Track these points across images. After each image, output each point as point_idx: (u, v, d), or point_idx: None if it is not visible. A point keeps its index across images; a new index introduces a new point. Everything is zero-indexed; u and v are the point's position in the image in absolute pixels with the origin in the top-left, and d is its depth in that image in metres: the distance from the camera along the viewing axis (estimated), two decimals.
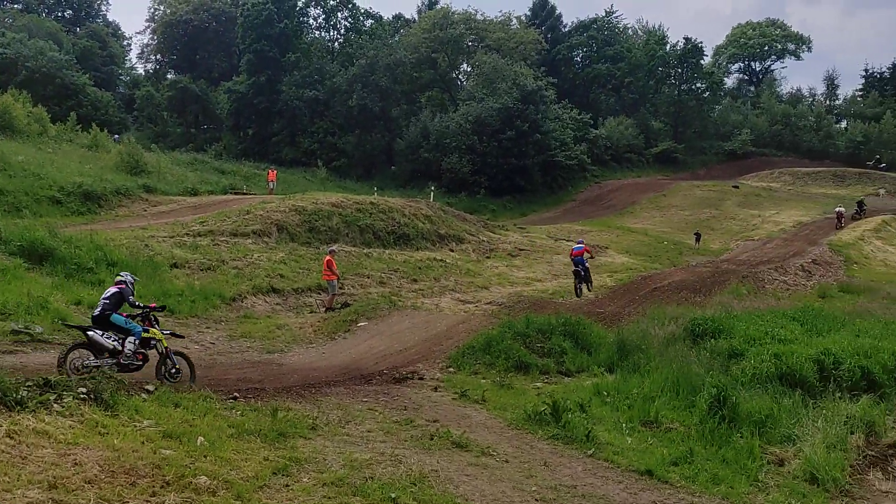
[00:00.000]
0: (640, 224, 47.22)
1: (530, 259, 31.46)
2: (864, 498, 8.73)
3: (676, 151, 70.00)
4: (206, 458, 7.24)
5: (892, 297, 25.54)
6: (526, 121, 53.54)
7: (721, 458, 9.29)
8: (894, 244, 41.89)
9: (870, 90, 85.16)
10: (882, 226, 44.85)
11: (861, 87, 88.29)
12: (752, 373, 12.22)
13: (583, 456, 9.26)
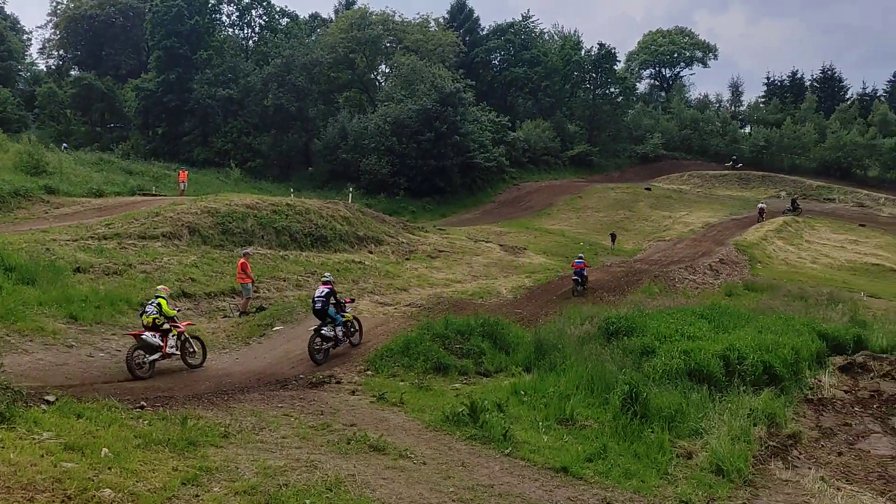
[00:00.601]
0: (557, 225, 48.09)
1: (450, 260, 31.54)
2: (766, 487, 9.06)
3: (592, 154, 71.62)
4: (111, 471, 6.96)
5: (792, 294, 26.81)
6: (445, 122, 53.72)
7: (633, 453, 9.49)
8: (794, 244, 43.99)
9: (771, 97, 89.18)
10: (783, 226, 47.03)
11: (763, 94, 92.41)
12: (663, 369, 12.56)
13: (500, 455, 9.31)
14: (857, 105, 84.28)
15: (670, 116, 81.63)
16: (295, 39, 64.19)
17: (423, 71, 57.84)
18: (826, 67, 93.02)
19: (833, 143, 71.45)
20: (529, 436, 10.14)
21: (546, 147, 68.06)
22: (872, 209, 57.89)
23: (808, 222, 50.07)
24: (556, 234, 44.31)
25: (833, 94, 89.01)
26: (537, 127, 68.63)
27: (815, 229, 48.60)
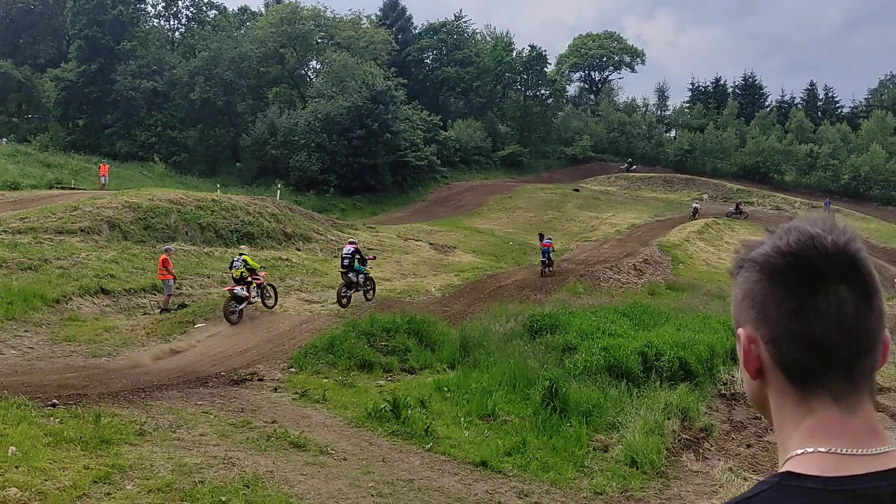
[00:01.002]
0: (487, 225, 48.49)
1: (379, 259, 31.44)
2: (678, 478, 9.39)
3: (522, 155, 72.47)
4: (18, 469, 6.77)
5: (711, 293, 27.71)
6: (376, 120, 53.54)
7: (552, 447, 9.70)
8: (715, 245, 45.47)
9: (696, 102, 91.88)
10: (705, 228, 48.54)
11: (688, 99, 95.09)
12: (584, 365, 12.86)
13: (421, 450, 9.38)
14: (775, 112, 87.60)
15: (599, 119, 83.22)
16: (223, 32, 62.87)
17: (354, 68, 57.48)
18: (747, 75, 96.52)
19: (753, 148, 74.11)
20: (451, 431, 10.24)
21: (477, 147, 68.56)
22: (788, 213, 60.23)
23: (728, 224, 51.81)
24: (486, 233, 44.69)
25: (754, 101, 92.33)
26: (469, 127, 69.06)
27: (734, 231, 50.29)
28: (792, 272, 1.10)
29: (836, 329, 1.07)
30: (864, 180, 68.19)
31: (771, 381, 1.15)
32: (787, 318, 1.10)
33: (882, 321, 1.11)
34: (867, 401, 1.11)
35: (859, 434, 1.08)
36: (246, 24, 74.45)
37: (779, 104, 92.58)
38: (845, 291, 1.07)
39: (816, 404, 1.10)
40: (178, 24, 69.92)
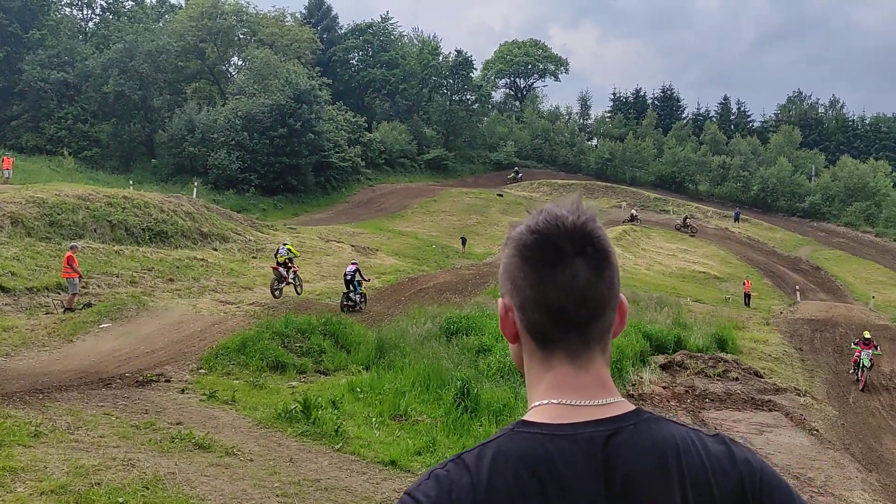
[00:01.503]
0: (410, 228, 48.48)
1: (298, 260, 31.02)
2: None
3: (447, 159, 72.76)
4: None
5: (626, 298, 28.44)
6: (299, 120, 52.78)
7: (461, 446, 9.74)
8: (632, 251, 46.72)
9: (617, 112, 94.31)
10: (623, 235, 49.79)
11: (610, 108, 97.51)
12: (497, 366, 13.02)
13: (331, 451, 9.30)
14: (691, 124, 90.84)
15: (523, 126, 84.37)
16: (140, 24, 60.72)
17: (277, 66, 56.54)
18: (666, 87, 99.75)
19: (669, 158, 76.54)
20: (362, 431, 10.19)
21: (402, 149, 68.47)
22: (702, 221, 62.43)
23: (645, 231, 53.30)
24: (410, 236, 44.67)
25: (671, 113, 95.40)
26: (394, 129, 68.92)
27: (650, 238, 51.80)
28: (537, 247, 1.23)
29: (569, 296, 1.22)
30: (771, 191, 71.29)
31: (524, 344, 1.29)
32: (531, 288, 1.23)
33: (613, 291, 1.27)
34: (599, 358, 1.27)
35: (589, 387, 1.24)
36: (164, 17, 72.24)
37: (695, 116, 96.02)
38: (580, 265, 1.22)
39: (555, 362, 1.25)
40: (91, 14, 67.27)
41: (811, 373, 19.69)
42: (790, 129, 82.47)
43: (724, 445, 1.23)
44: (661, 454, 1.17)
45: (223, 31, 64.86)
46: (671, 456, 1.17)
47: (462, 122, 76.84)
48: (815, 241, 60.00)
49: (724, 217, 64.00)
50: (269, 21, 69.69)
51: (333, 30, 79.95)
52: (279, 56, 59.93)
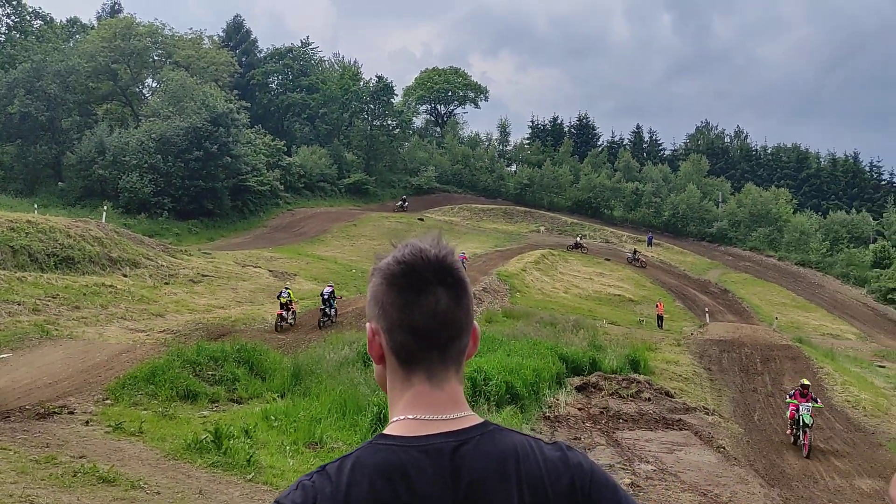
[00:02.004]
0: (330, 252, 48.01)
1: (214, 285, 30.31)
2: None
3: (368, 183, 72.59)
4: None
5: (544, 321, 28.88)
6: (215, 143, 51.74)
7: None
8: (550, 275, 47.54)
9: (535, 139, 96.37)
10: (541, 258, 50.64)
11: (528, 135, 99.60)
12: None
13: (242, 481, 9.05)
14: (606, 151, 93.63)
15: (444, 151, 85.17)
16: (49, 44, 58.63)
17: (193, 88, 55.36)
18: (582, 115, 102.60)
19: (585, 184, 78.56)
20: (276, 460, 9.95)
21: (322, 174, 67.95)
22: (617, 245, 64.18)
23: (563, 255, 54.33)
24: (329, 261, 44.22)
25: (587, 140, 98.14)
26: (314, 153, 68.38)
27: (568, 262, 52.83)
28: (403, 276, 1.37)
29: (433, 320, 1.36)
30: (681, 217, 73.98)
31: (388, 365, 1.42)
32: (398, 312, 1.37)
33: (469, 316, 1.42)
34: (454, 377, 1.41)
35: (443, 404, 1.37)
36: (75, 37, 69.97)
37: (609, 144, 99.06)
38: (442, 292, 1.37)
39: (415, 380, 1.38)
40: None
41: (719, 392, 20.38)
42: (698, 158, 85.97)
43: (560, 451, 1.38)
44: (501, 461, 1.31)
45: (137, 53, 63.21)
46: (511, 462, 1.31)
47: (383, 147, 76.97)
48: (723, 264, 62.47)
49: (638, 241, 65.91)
50: (185, 43, 68.36)
51: (252, 53, 79.15)
52: (196, 78, 58.73)
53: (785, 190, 79.38)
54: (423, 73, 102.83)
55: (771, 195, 74.47)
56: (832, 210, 78.35)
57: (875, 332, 46.18)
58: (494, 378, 13.72)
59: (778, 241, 68.62)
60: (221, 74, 67.24)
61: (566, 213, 75.60)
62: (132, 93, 67.13)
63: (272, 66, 77.58)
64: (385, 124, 78.24)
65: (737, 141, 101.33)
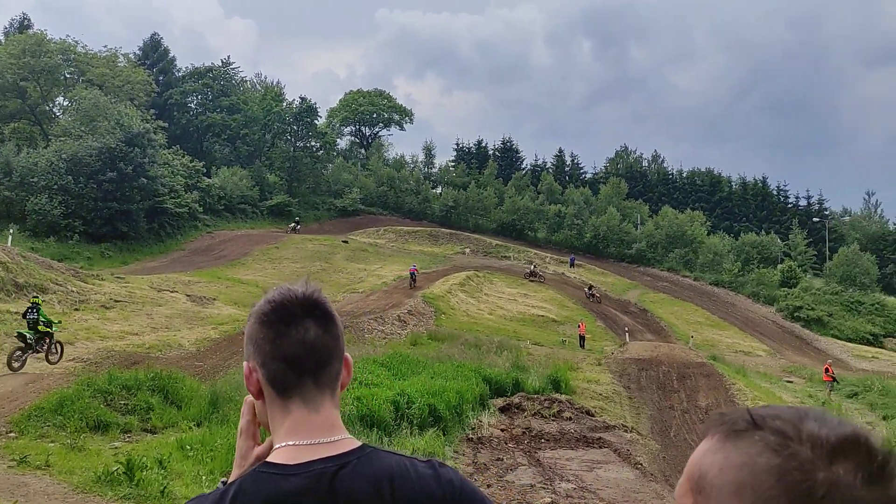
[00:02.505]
0: (251, 276, 47.10)
1: (127, 311, 29.27)
2: None
3: (290, 205, 71.76)
4: None
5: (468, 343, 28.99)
6: (130, 164, 50.22)
7: None
8: (475, 297, 47.82)
9: (460, 162, 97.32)
10: (466, 280, 50.89)
11: (454, 158, 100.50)
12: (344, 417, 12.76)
13: None
14: (529, 174, 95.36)
15: (369, 173, 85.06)
16: None
17: (107, 107, 53.70)
18: (506, 139, 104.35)
19: (509, 206, 79.69)
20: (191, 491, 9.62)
21: (243, 195, 66.81)
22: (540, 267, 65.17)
23: (488, 277, 54.77)
24: (250, 284, 43.34)
25: (511, 163, 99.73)
26: (234, 175, 67.19)
27: (493, 283, 53.28)
28: (273, 312, 1.48)
29: (302, 349, 1.45)
30: (602, 239, 75.81)
31: (266, 397, 1.50)
32: (270, 345, 1.46)
33: (339, 345, 1.52)
34: (329, 402, 1.49)
35: (321, 428, 1.45)
36: None
37: (533, 167, 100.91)
38: (310, 323, 1.47)
39: (293, 407, 1.46)
40: None
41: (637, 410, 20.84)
42: (618, 181, 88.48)
43: (433, 469, 1.47)
44: (377, 482, 1.40)
45: (47, 70, 61.06)
46: (385, 482, 1.40)
47: (306, 169, 76.34)
48: (642, 284, 64.19)
49: (561, 262, 67.15)
50: (99, 61, 66.39)
51: (170, 72, 77.52)
52: (110, 97, 57.01)
53: (699, 212, 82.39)
54: (347, 94, 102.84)
55: (686, 217, 77.12)
56: (743, 232, 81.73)
57: (783, 348, 48.18)
58: (417, 401, 13.67)
59: (693, 262, 71.01)
60: (137, 93, 65.57)
61: (491, 234, 76.39)
62: (42, 111, 64.69)
63: (191, 85, 76.10)
64: (308, 146, 77.70)
65: (654, 165, 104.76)
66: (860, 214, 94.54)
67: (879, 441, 0.84)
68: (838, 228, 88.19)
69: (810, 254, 78.35)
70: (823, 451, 0.81)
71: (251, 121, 75.38)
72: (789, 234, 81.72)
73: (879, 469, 0.81)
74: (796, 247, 78.14)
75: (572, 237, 76.90)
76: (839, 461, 0.81)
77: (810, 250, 78.82)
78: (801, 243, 78.80)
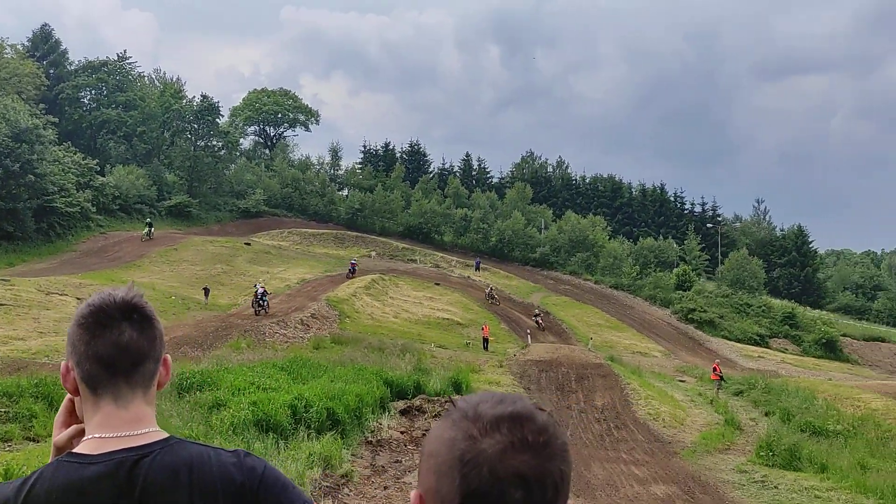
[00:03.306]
0: (148, 278, 45.43)
1: (12, 315, 27.79)
2: None
3: (191, 206, 69.57)
4: None
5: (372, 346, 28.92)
6: (17, 160, 47.63)
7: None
8: (380, 300, 47.69)
9: (367, 164, 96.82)
10: (372, 283, 50.69)
11: (361, 160, 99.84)
12: (231, 421, 12.48)
13: None
14: (437, 178, 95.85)
15: (273, 174, 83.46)
16: None
17: None
18: (414, 142, 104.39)
19: (416, 210, 79.81)
20: None
21: (140, 195, 64.25)
22: (446, 270, 65.61)
23: (393, 280, 54.71)
24: (147, 287, 41.68)
25: (419, 167, 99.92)
26: (131, 173, 64.55)
27: (398, 287, 53.28)
28: (91, 315, 1.55)
29: (116, 350, 1.53)
30: (507, 242, 77.03)
31: (82, 394, 1.57)
32: (85, 346, 1.53)
33: (155, 346, 1.59)
34: (140, 400, 1.56)
35: (129, 423, 1.52)
36: None
37: (440, 171, 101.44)
38: (126, 326, 1.54)
39: (103, 404, 1.53)
40: None
41: None
42: (523, 186, 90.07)
43: (237, 458, 1.55)
44: (175, 471, 1.47)
45: None
46: (184, 471, 1.47)
47: (207, 169, 74.15)
48: (545, 288, 65.57)
49: (467, 266, 67.79)
50: None
51: (62, 65, 73.88)
52: None
53: (601, 217, 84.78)
54: (251, 93, 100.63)
55: (588, 222, 79.26)
56: (642, 236, 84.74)
57: (678, 349, 50.24)
58: (315, 405, 13.52)
59: (594, 266, 73.05)
60: (26, 87, 62.19)
61: (397, 238, 76.34)
62: None
63: (84, 79, 72.75)
64: (210, 145, 75.53)
65: (558, 170, 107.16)
66: (750, 221, 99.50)
67: (541, 419, 1.01)
68: (730, 234, 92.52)
69: (704, 258, 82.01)
70: (484, 426, 0.99)
71: (149, 118, 72.69)
72: (685, 240, 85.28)
73: (527, 441, 0.98)
74: (691, 251, 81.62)
75: (478, 241, 77.72)
76: (493, 434, 0.98)
77: (704, 255, 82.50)
78: (695, 248, 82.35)
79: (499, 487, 0.95)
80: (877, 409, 25.19)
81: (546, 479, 0.98)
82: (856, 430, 22.91)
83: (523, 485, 0.96)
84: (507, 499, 0.95)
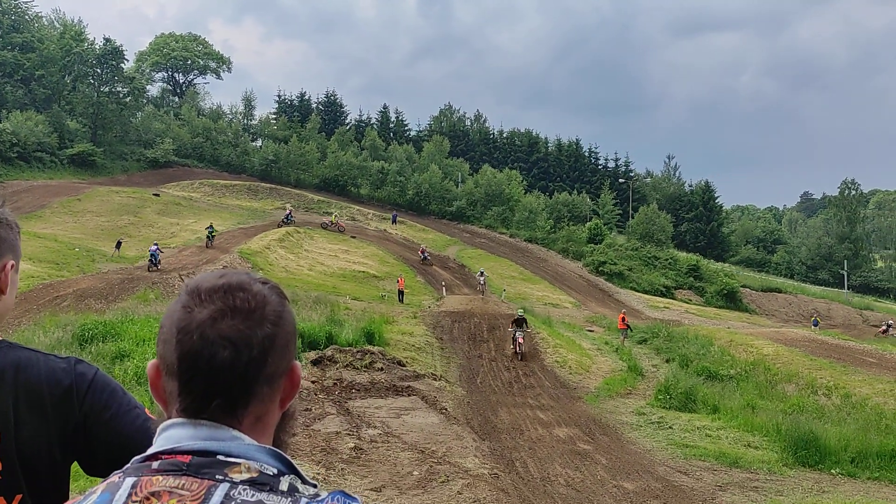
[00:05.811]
0: (49, 230, 43.57)
1: None
2: None
3: (95, 155, 66.61)
4: None
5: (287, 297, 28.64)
6: None
7: None
8: (295, 252, 47.17)
9: (281, 114, 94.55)
10: (286, 236, 50.02)
11: (275, 110, 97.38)
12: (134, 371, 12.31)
13: None
14: (353, 130, 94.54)
15: (183, 123, 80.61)
16: None
17: None
18: (330, 93, 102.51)
19: (332, 162, 78.75)
20: None
21: (40, 143, 61.09)
22: (363, 223, 65.29)
23: (308, 233, 54.10)
24: (48, 239, 40.12)
25: (335, 118, 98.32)
26: (29, 120, 61.21)
27: (313, 239, 52.74)
28: None
29: None
30: (424, 196, 77.10)
31: None
32: None
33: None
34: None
35: None
36: None
37: (357, 123, 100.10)
38: None
39: None
40: None
41: (448, 359, 21.70)
42: (441, 140, 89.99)
43: (67, 364, 1.59)
44: (2, 370, 1.50)
45: None
46: (10, 370, 1.50)
47: (112, 116, 71.09)
48: (461, 241, 66.18)
49: (383, 219, 67.62)
50: None
51: None
52: None
53: (517, 172, 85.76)
54: (158, 37, 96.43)
55: (504, 176, 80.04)
56: (557, 191, 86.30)
57: (588, 300, 51.79)
58: None
59: (510, 220, 74.07)
60: None
61: (313, 190, 75.33)
62: None
63: None
64: (115, 91, 72.38)
65: (476, 124, 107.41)
66: (661, 176, 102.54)
67: (255, 289, 1.10)
68: (641, 189, 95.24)
69: (616, 212, 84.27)
70: (200, 297, 1.08)
71: (48, 61, 68.76)
72: (599, 194, 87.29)
73: (236, 307, 1.07)
74: (604, 206, 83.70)
75: (395, 194, 77.48)
76: (206, 304, 1.07)
77: (616, 209, 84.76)
78: (608, 202, 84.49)
79: (208, 349, 1.03)
80: (767, 355, 26.75)
81: (252, 340, 1.06)
82: (748, 374, 24.36)
83: (230, 346, 1.04)
84: (217, 358, 1.03)
